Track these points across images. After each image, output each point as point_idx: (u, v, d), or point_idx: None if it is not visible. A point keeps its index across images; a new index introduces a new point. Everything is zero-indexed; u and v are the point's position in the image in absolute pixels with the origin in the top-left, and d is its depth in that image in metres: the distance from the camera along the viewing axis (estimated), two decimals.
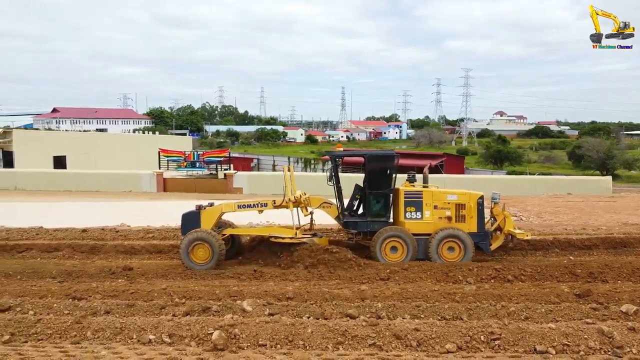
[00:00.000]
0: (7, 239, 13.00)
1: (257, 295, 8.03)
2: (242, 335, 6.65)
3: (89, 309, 7.59)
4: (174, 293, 8.21)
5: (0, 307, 7.71)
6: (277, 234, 11.05)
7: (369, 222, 10.93)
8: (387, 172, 11.12)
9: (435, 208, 10.74)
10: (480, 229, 10.73)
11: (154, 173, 37.28)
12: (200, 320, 6.99)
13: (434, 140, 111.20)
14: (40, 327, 7.04)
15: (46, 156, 50.91)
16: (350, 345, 6.45)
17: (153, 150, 58.80)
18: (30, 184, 36.55)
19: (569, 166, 67.92)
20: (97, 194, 33.20)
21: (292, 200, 11.03)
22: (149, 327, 6.92)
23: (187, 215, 11.07)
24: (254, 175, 40.06)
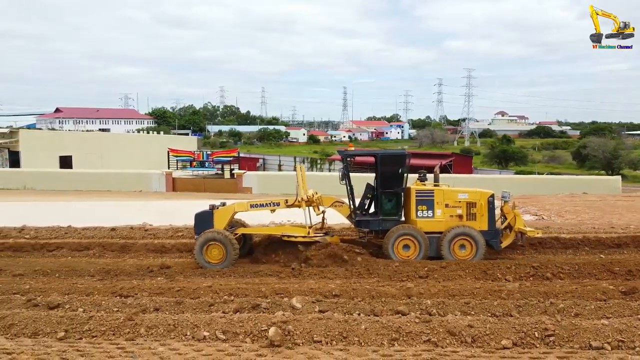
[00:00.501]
0: (36, 237, 13.07)
1: (303, 293, 8.08)
2: (296, 331, 6.71)
3: (138, 307, 7.65)
4: (220, 291, 8.27)
5: (50, 305, 7.78)
6: (290, 233, 11.12)
7: (381, 221, 11.07)
8: (398, 172, 11.24)
9: (447, 206, 10.88)
10: (491, 227, 10.87)
11: (164, 173, 37.34)
12: (253, 317, 7.05)
13: (437, 140, 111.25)
14: (93, 324, 7.10)
15: (52, 156, 51.01)
16: (405, 342, 6.50)
17: (158, 150, 59.01)
18: (40, 183, 36.58)
19: (573, 166, 68.01)
20: (108, 193, 33.26)
21: (304, 199, 11.12)
22: (201, 324, 6.98)
23: (200, 215, 11.16)
24: (263, 175, 40.18)
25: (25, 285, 8.94)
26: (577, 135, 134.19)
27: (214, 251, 10.55)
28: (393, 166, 11.34)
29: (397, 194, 11.11)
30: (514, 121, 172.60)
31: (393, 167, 11.33)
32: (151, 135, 66.42)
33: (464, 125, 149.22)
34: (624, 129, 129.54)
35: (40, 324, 7.15)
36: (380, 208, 11.11)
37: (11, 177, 37.76)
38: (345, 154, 11.98)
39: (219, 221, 10.95)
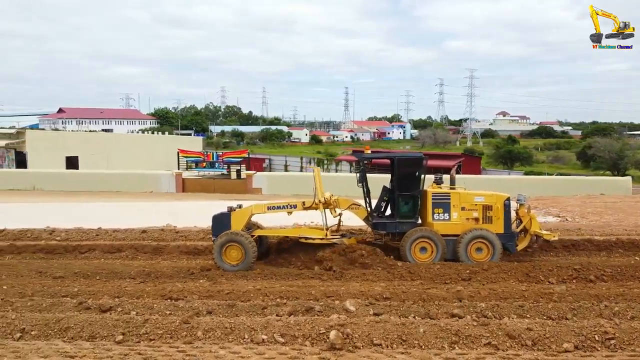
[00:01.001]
0: (67, 239, 13.08)
1: (354, 295, 8.11)
2: (355, 334, 6.74)
3: (190, 310, 7.68)
4: (270, 294, 8.29)
5: (102, 307, 7.80)
6: (307, 235, 11.17)
7: (398, 224, 11.13)
8: (415, 174, 11.29)
9: (463, 209, 10.95)
10: (507, 230, 10.93)
11: (173, 173, 37.35)
12: (309, 320, 7.08)
13: (439, 140, 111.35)
14: (149, 327, 7.12)
15: (58, 157, 51.04)
16: (466, 345, 6.54)
17: (164, 151, 59.06)
18: (49, 184, 36.56)
19: (577, 166, 68.15)
20: (118, 194, 33.26)
21: (322, 201, 11.19)
22: (258, 327, 7.01)
23: (218, 216, 11.23)
24: (273, 175, 40.21)
25: (72, 287, 8.96)
26: (578, 136, 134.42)
27: (232, 252, 10.61)
28: (410, 169, 11.42)
29: (414, 197, 11.18)
30: (515, 121, 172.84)
31: (410, 169, 11.41)
32: (156, 136, 66.41)
33: (464, 125, 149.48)
34: (625, 129, 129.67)
35: (96, 327, 7.17)
36: (397, 210, 11.20)
37: (19, 178, 37.72)
38: (362, 157, 12.04)
39: (237, 223, 11.05)
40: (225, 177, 39.44)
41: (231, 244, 10.59)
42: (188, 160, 38.51)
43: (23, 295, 8.47)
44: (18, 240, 13.08)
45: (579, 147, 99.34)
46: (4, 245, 12.65)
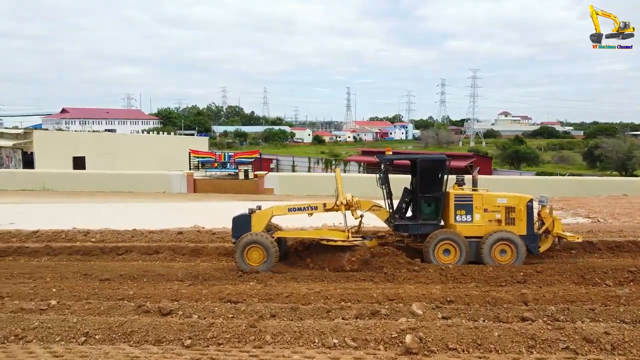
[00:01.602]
0: (102, 241, 12.96)
1: (416, 298, 8.01)
2: (428, 339, 6.63)
3: (253, 313, 7.57)
4: (330, 297, 8.19)
5: (162, 311, 7.69)
6: (329, 237, 11.09)
7: (420, 225, 11.09)
8: (438, 176, 11.23)
9: (485, 211, 10.91)
10: (530, 232, 10.89)
11: (185, 174, 37.22)
12: (379, 324, 6.98)
13: (442, 140, 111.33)
14: (216, 331, 7.01)
15: (66, 157, 50.92)
16: (544, 349, 6.43)
17: (170, 151, 58.94)
18: (59, 184, 36.41)
19: (583, 167, 68.16)
20: (131, 195, 33.10)
21: (344, 203, 11.14)
22: (328, 331, 6.90)
23: (238, 218, 11.19)
24: (285, 175, 40.07)
25: (125, 290, 8.85)
26: (580, 136, 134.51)
27: (254, 254, 10.56)
28: (433, 170, 11.37)
29: (436, 199, 11.14)
30: (517, 121, 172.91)
31: (433, 171, 11.36)
32: (163, 136, 66.22)
33: (466, 125, 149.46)
34: (627, 129, 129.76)
35: (161, 331, 7.06)
36: (420, 212, 11.16)
37: (29, 179, 37.57)
38: (384, 159, 11.97)
39: (257, 224, 11.01)
40: (233, 177, 39.36)
41: (253, 246, 10.55)
42: (200, 161, 38.42)
43: (78, 298, 8.36)
44: (53, 242, 12.96)
45: (582, 147, 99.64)
46: (40, 247, 12.53)
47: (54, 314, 7.69)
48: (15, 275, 10.30)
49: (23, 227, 15.29)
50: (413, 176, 11.79)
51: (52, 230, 13.65)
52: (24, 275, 10.32)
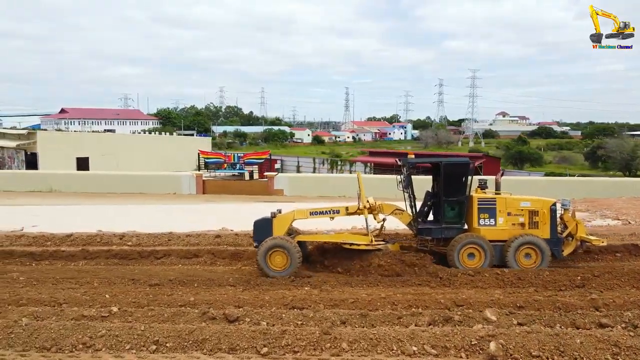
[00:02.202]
0: (139, 244, 12.81)
1: (485, 304, 7.92)
2: (509, 346, 6.54)
3: (323, 320, 7.45)
4: (397, 302, 8.08)
5: (229, 318, 7.56)
6: (352, 241, 11.01)
7: (444, 229, 11.04)
8: (462, 179, 11.17)
9: (509, 215, 10.86)
10: (553, 236, 10.86)
11: (194, 175, 37.02)
12: (456, 331, 6.88)
13: (442, 141, 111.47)
14: (290, 338, 6.89)
15: (69, 158, 50.61)
16: (629, 356, 6.35)
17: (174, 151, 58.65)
18: (66, 186, 36.11)
19: (585, 167, 68.41)
20: (142, 196, 32.88)
21: (367, 207, 11.07)
22: (404, 338, 6.79)
23: (260, 222, 11.12)
24: (295, 176, 39.91)
25: (185, 296, 8.70)
26: (578, 136, 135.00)
27: (277, 258, 10.47)
28: (457, 174, 11.28)
29: (460, 202, 11.09)
30: (515, 122, 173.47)
31: (457, 174, 11.27)
32: (165, 137, 65.91)
33: (463, 125, 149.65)
34: (625, 129, 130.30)
35: (234, 338, 6.93)
36: (443, 216, 11.10)
37: (36, 179, 37.25)
38: (408, 162, 11.86)
39: (279, 228, 10.94)
40: (237, 178, 39.20)
41: (276, 250, 10.47)
42: (209, 162, 38.23)
43: (138, 305, 8.20)
44: (88, 245, 12.79)
45: (581, 147, 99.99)
46: (76, 251, 12.36)
47: (118, 321, 7.55)
48: (60, 280, 10.13)
49: (45, 229, 15.10)
50: (435, 179, 11.74)
51: (86, 234, 13.47)
52: (70, 281, 10.15)
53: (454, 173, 11.25)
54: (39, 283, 9.96)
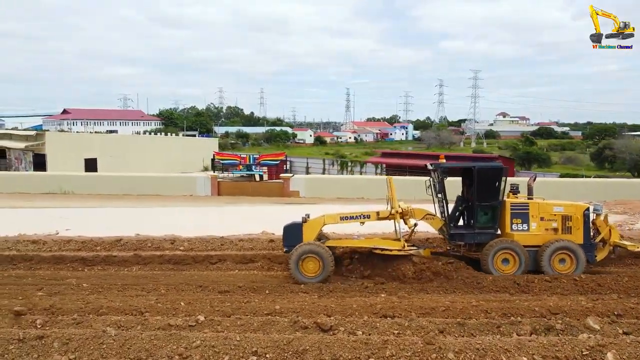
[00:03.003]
0: (191, 249, 12.60)
1: (581, 312, 7.78)
2: (623, 356, 6.40)
3: (419, 329, 7.29)
4: (490, 310, 7.93)
5: (322, 327, 7.39)
6: (383, 247, 10.90)
7: (477, 234, 10.98)
8: (495, 184, 11.12)
9: (542, 220, 10.85)
10: (586, 241, 10.83)
11: (209, 176, 36.78)
12: (565, 340, 6.72)
13: (444, 141, 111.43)
14: (393, 349, 6.71)
15: (77, 159, 50.32)
16: None
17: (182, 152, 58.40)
18: (82, 187, 35.79)
19: (592, 167, 68.52)
20: (158, 198, 32.59)
21: (398, 211, 10.99)
22: (512, 348, 6.62)
23: (290, 227, 11.05)
24: (311, 178, 39.67)
25: (270, 304, 8.49)
26: (578, 136, 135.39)
27: (309, 264, 10.39)
28: (491, 179, 11.23)
29: (493, 207, 11.04)
30: (515, 122, 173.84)
31: (491, 179, 11.22)
32: (172, 137, 65.62)
33: (463, 126, 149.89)
34: (625, 129, 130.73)
35: (335, 349, 6.73)
36: (476, 221, 11.03)
37: (45, 181, 36.92)
38: (441, 167, 11.78)
39: (309, 233, 10.88)
40: (246, 179, 38.95)
41: (309, 256, 10.36)
42: (224, 163, 37.97)
43: (223, 313, 8.01)
44: (140, 250, 12.59)
45: (583, 147, 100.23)
46: (128, 256, 12.16)
47: (209, 331, 7.36)
48: (125, 287, 9.94)
49: (79, 233, 14.82)
50: (465, 184, 11.66)
51: (136, 239, 13.24)
52: (134, 287, 9.96)
53: (488, 178, 11.21)
54: (104, 290, 9.77)
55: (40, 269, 11.74)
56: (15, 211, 22.41)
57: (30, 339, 7.11)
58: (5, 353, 6.91)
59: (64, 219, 18.74)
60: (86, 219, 19.02)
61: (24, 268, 11.78)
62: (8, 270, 11.70)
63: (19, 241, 13.32)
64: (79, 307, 8.26)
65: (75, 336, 7.11)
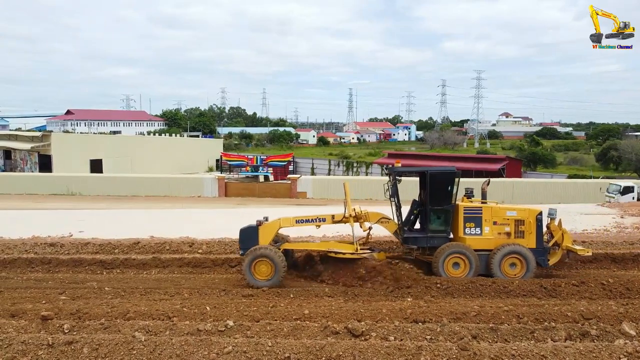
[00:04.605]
0: (210, 252, 12.64)
1: (614, 318, 7.69)
2: None
3: (453, 334, 7.21)
4: (522, 315, 7.84)
5: (353, 332, 7.32)
6: (337, 250, 10.99)
7: (429, 238, 10.97)
8: (448, 188, 11.09)
9: (495, 224, 10.83)
10: (539, 245, 10.82)
11: (216, 177, 36.79)
12: (601, 347, 6.65)
13: (448, 142, 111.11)
14: (428, 355, 6.64)
15: (83, 159, 50.34)
16: None
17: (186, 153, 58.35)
18: (87, 188, 35.81)
19: (597, 168, 68.28)
20: (167, 198, 32.68)
21: (352, 215, 11.04)
22: (548, 354, 6.55)
23: (246, 230, 11.05)
24: (319, 179, 39.65)
25: (298, 309, 8.40)
26: (582, 137, 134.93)
27: (262, 268, 10.44)
28: (443, 183, 11.20)
29: (446, 211, 11.02)
30: (518, 122, 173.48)
31: (443, 184, 11.19)
32: (177, 138, 65.64)
33: (466, 126, 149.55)
34: (628, 129, 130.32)
35: (369, 355, 6.67)
36: (429, 225, 11.01)
37: (52, 182, 36.94)
38: (394, 171, 11.81)
39: (265, 236, 10.90)
40: (251, 180, 38.92)
41: (261, 259, 10.40)
42: (231, 164, 37.98)
43: (252, 318, 7.94)
44: (159, 253, 12.53)
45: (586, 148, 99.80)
46: (147, 259, 12.10)
47: (239, 336, 7.28)
48: (148, 291, 9.88)
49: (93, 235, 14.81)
50: (422, 188, 11.63)
51: (154, 241, 13.19)
52: (156, 291, 9.91)
53: (440, 182, 11.21)
54: (127, 294, 9.72)
55: (59, 272, 11.70)
56: (25, 213, 22.39)
57: (60, 344, 7.06)
58: (35, 358, 6.86)
59: (80, 221, 18.72)
60: (99, 221, 18.99)
61: (42, 271, 11.74)
62: (27, 273, 11.66)
63: (36, 244, 13.28)
64: (105, 312, 8.20)
65: (104, 342, 7.06)
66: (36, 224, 16.97)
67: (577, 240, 13.35)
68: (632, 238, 13.71)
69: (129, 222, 18.74)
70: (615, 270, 11.23)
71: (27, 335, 7.32)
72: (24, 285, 10.57)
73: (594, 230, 14.91)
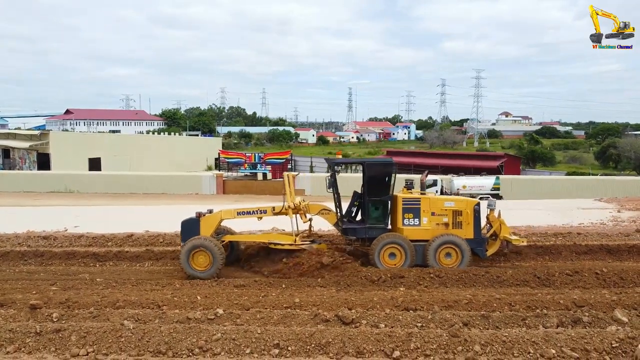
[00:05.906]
0: None
1: (607, 305, 7.63)
2: None
3: (444, 321, 7.16)
4: (514, 303, 7.79)
5: (343, 320, 7.27)
6: (277, 241, 11.03)
7: (367, 229, 10.99)
8: (386, 179, 11.11)
9: (433, 215, 10.89)
10: (477, 235, 10.89)
11: (214, 175, 36.74)
12: (593, 333, 6.61)
13: (448, 141, 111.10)
14: (418, 341, 6.61)
15: (81, 158, 50.27)
16: None
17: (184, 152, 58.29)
18: (88, 186, 35.78)
19: (596, 166, 68.28)
20: (166, 196, 32.61)
21: (291, 207, 11.06)
22: (539, 340, 6.51)
23: (187, 222, 11.05)
24: (317, 176, 39.56)
25: (289, 297, 8.36)
26: (581, 136, 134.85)
27: (200, 258, 10.43)
28: (380, 174, 11.24)
29: (383, 202, 11.04)
30: (518, 122, 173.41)
31: (380, 175, 11.22)
32: (176, 137, 65.61)
33: (466, 125, 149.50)
34: (628, 128, 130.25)
35: (358, 341, 6.63)
36: (367, 216, 11.04)
37: (50, 180, 36.91)
38: (333, 162, 11.84)
39: (206, 228, 10.89)
40: (249, 178, 38.87)
41: (199, 250, 10.38)
42: (229, 162, 37.92)
43: (242, 306, 7.88)
44: (152, 246, 12.48)
45: (586, 146, 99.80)
46: (140, 252, 12.05)
47: (229, 324, 7.23)
48: (139, 282, 9.84)
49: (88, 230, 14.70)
50: (363, 180, 11.62)
51: (148, 234, 13.13)
52: (149, 282, 9.87)
53: (377, 173, 11.26)
54: (119, 284, 9.67)
55: (52, 264, 11.65)
56: (22, 209, 22.33)
57: (48, 332, 7.02)
58: (22, 346, 6.82)
59: (76, 216, 18.63)
60: (94, 216, 18.92)
61: (35, 264, 11.68)
62: (19, 265, 11.62)
63: (29, 237, 13.23)
64: (95, 301, 8.14)
65: (93, 329, 7.02)
66: (31, 220, 16.90)
67: (572, 232, 13.32)
68: (628, 230, 13.65)
69: (125, 217, 18.68)
70: (611, 261, 11.16)
71: (15, 324, 7.29)
72: (15, 277, 10.52)
73: (590, 224, 14.84)
